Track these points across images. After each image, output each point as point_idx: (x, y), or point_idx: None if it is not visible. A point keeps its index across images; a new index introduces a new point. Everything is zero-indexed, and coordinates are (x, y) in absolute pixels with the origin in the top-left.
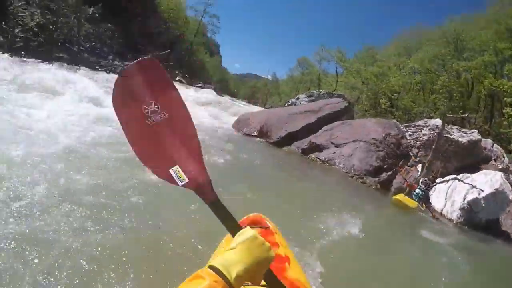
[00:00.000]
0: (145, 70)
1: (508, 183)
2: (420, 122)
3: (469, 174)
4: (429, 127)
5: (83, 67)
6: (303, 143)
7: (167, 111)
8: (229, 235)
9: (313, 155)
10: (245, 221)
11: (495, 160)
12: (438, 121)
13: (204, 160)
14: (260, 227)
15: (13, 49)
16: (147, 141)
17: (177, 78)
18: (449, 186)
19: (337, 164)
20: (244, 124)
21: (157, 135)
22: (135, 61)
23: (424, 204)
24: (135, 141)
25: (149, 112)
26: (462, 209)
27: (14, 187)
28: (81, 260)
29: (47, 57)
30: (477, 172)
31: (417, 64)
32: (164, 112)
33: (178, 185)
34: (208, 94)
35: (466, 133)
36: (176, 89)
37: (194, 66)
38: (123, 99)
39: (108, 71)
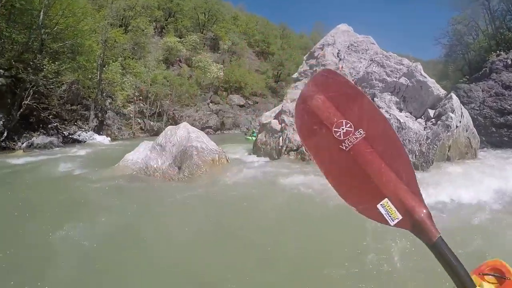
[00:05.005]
0: (323, 85)
1: None
2: None
3: None
4: None
5: None
6: None
7: (363, 127)
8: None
9: None
10: (483, 266)
11: None
12: None
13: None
14: (500, 277)
15: None
16: (344, 170)
17: None
18: None
19: None
20: None
21: (355, 160)
22: (309, 80)
23: None
24: (330, 172)
25: (342, 135)
26: None
27: None
28: None
29: None
30: None
31: None
32: (359, 130)
33: (389, 224)
34: None
35: None
36: (365, 97)
37: None
38: (308, 127)
39: None
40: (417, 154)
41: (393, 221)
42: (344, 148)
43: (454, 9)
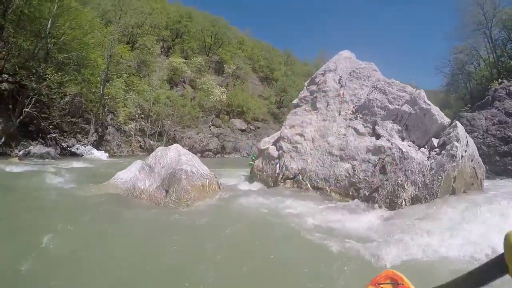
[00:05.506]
0: None
1: None
2: None
3: None
4: None
5: None
6: None
7: None
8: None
9: None
10: (378, 278)
11: None
12: None
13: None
14: (393, 283)
15: None
16: None
17: None
18: None
19: None
20: None
21: None
22: None
23: None
24: None
25: None
26: None
27: None
28: None
29: None
30: None
31: None
32: None
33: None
34: None
35: None
36: None
37: None
38: None
39: None
40: (420, 186)
41: None
42: None
43: (455, 38)
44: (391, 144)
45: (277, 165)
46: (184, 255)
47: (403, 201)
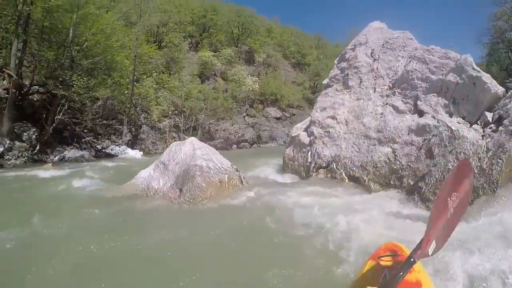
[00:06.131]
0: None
1: None
2: None
3: None
4: None
5: None
6: None
7: (459, 198)
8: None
9: None
10: (380, 250)
11: None
12: None
13: None
14: (393, 255)
15: None
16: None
17: None
18: None
19: None
20: None
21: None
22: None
23: None
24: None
25: (451, 202)
26: None
27: None
28: None
29: None
30: None
31: None
32: (457, 199)
33: (426, 254)
34: None
35: None
36: (470, 179)
37: None
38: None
39: None
40: (476, 172)
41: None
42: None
43: (493, 4)
44: (438, 122)
45: (309, 153)
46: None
47: None
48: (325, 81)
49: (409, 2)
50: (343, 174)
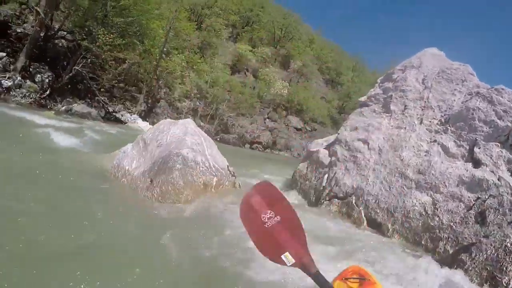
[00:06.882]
0: (260, 190)
1: None
2: None
3: None
4: None
5: None
6: None
7: (280, 215)
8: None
9: None
10: (345, 272)
11: None
12: None
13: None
14: (360, 278)
15: None
16: (265, 239)
17: None
18: None
19: None
20: None
21: (272, 233)
22: (253, 186)
23: None
24: (256, 240)
25: (266, 218)
26: None
27: None
28: None
29: None
30: None
31: None
32: (277, 216)
33: (286, 265)
34: None
35: None
36: (285, 199)
37: None
38: (246, 213)
39: None
40: None
41: (289, 263)
42: (266, 226)
43: None
44: (499, 180)
45: (325, 176)
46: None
47: None
48: (362, 99)
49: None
50: (362, 214)
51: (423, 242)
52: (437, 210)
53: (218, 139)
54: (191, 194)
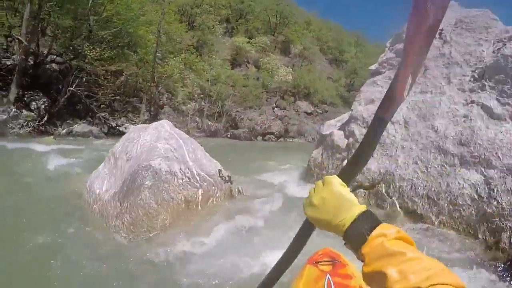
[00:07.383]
0: None
1: None
2: None
3: None
4: None
5: None
6: None
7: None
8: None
9: None
10: (315, 256)
11: None
12: None
13: None
14: (331, 261)
15: None
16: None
17: None
18: None
19: None
20: None
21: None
22: None
23: None
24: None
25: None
26: None
27: None
28: None
29: None
30: None
31: None
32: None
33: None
34: None
35: None
36: None
37: None
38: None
39: None
40: None
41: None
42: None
43: None
44: None
45: (344, 162)
46: None
47: None
48: (373, 67)
49: None
50: (397, 205)
51: (479, 235)
52: (493, 190)
53: (229, 136)
54: (168, 218)
